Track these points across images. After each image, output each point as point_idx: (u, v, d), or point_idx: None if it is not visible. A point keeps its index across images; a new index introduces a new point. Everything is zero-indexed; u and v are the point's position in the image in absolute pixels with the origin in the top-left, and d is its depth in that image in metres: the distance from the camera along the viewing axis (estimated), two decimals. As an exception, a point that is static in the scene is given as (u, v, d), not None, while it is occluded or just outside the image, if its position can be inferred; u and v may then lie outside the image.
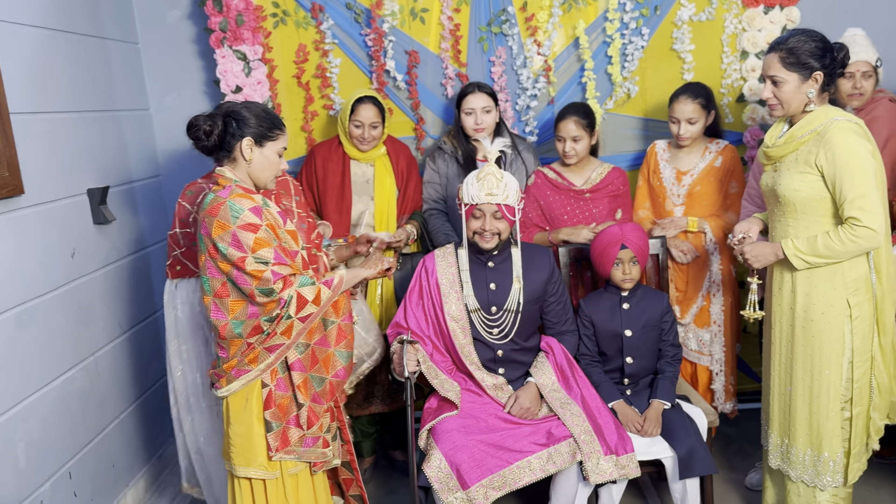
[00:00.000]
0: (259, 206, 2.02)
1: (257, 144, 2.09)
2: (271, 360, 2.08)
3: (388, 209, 3.01)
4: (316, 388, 2.18)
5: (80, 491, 2.66)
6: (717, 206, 2.95)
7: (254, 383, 2.11)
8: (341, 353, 2.21)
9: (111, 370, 2.94)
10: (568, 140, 2.89)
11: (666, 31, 3.20)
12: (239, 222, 1.96)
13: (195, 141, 2.07)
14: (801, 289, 2.26)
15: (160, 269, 3.43)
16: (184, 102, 3.43)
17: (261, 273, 1.97)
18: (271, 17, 3.19)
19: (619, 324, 2.61)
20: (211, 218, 1.99)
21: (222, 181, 2.07)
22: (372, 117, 2.89)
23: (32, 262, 2.46)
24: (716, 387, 3.03)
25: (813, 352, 2.27)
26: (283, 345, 2.08)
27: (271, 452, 2.12)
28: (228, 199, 1.99)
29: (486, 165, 2.47)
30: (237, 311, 2.05)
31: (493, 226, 2.47)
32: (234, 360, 2.08)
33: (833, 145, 2.12)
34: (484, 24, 3.22)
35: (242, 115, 2.07)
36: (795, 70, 2.16)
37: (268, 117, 2.11)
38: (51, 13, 2.67)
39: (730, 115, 3.24)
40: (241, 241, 1.96)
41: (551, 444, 2.33)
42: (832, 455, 2.29)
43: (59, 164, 2.65)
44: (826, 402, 2.27)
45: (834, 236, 2.15)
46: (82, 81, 2.86)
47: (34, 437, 2.41)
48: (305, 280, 2.06)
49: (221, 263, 2.01)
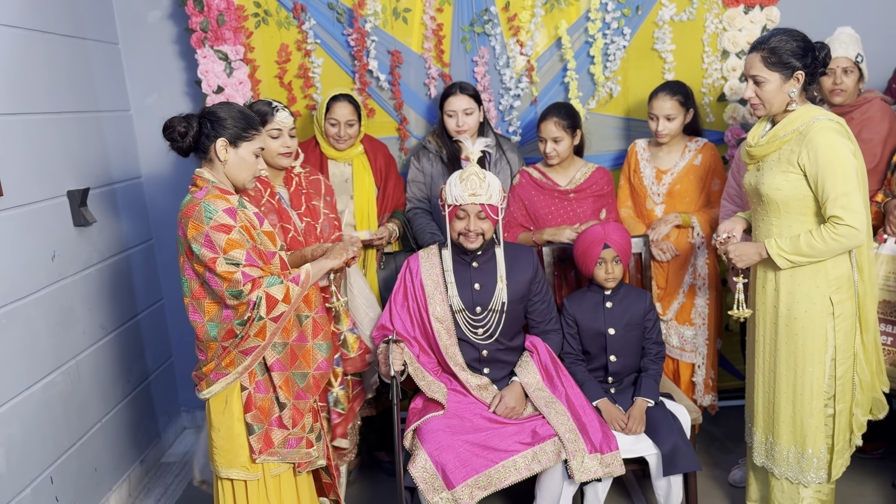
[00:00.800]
0: (234, 208, 2.02)
1: (232, 145, 2.09)
2: (248, 363, 2.08)
3: (369, 208, 3.01)
4: (299, 384, 2.17)
5: (62, 496, 2.63)
6: (698, 204, 2.97)
7: (233, 386, 2.10)
8: (320, 346, 2.21)
9: (93, 373, 2.91)
10: (549, 141, 2.90)
11: (647, 31, 3.22)
12: (212, 223, 1.96)
13: (171, 142, 2.08)
14: (785, 287, 2.29)
15: (142, 271, 3.41)
16: (165, 103, 3.41)
17: (231, 274, 1.97)
18: (253, 16, 3.17)
19: (603, 322, 2.62)
20: (186, 219, 2.00)
21: (200, 182, 2.08)
22: (347, 115, 2.88)
23: (12, 264, 2.44)
24: (696, 379, 3.06)
25: (796, 349, 2.29)
26: (258, 346, 2.08)
27: (255, 455, 2.11)
28: (203, 199, 1.99)
29: (469, 166, 2.48)
30: (212, 314, 2.05)
31: (478, 226, 2.47)
32: (211, 363, 2.09)
33: (815, 144, 2.14)
34: (467, 24, 3.22)
35: (218, 115, 2.08)
36: (777, 70, 2.18)
37: (243, 118, 2.10)
38: (28, 13, 2.64)
39: (711, 115, 3.27)
40: (214, 241, 1.96)
41: (536, 443, 2.34)
42: (816, 452, 2.31)
43: (38, 165, 2.62)
44: (809, 399, 2.29)
45: (817, 235, 2.17)
46: (61, 82, 2.83)
47: (14, 442, 2.39)
48: (273, 280, 2.05)
49: (196, 265, 2.02)
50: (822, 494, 2.37)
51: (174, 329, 3.64)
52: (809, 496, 2.36)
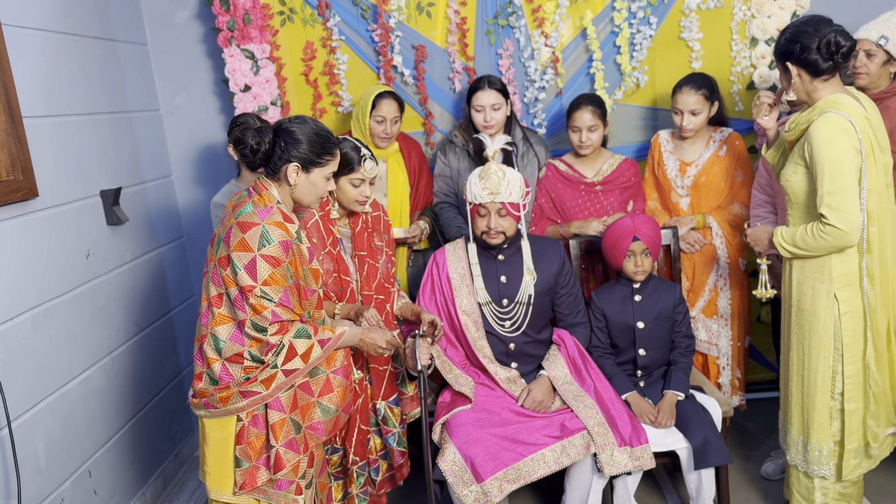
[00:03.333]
0: (289, 242, 1.91)
1: (304, 170, 1.98)
2: (241, 406, 1.94)
3: (401, 205, 3.02)
4: (294, 433, 1.99)
5: (100, 489, 2.69)
6: (724, 196, 2.93)
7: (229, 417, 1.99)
8: (322, 407, 2.04)
9: (127, 369, 2.97)
10: (584, 130, 2.87)
11: (674, 20, 3.18)
12: (263, 251, 1.87)
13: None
14: (795, 278, 2.29)
15: (173, 269, 3.46)
16: (193, 102, 3.45)
17: (262, 309, 1.88)
18: (278, 14, 3.19)
19: (632, 315, 2.61)
20: (239, 232, 1.89)
21: (266, 198, 1.96)
22: (394, 112, 2.89)
23: (48, 264, 2.49)
24: (722, 381, 3.02)
25: (803, 341, 2.29)
26: (259, 395, 1.93)
27: (236, 488, 1.98)
28: (264, 223, 1.88)
29: (488, 164, 2.47)
30: (221, 326, 1.94)
31: (498, 223, 2.47)
32: (206, 390, 1.96)
33: (813, 139, 2.12)
34: (490, 17, 3.21)
35: (293, 136, 1.96)
36: (780, 67, 2.23)
37: (319, 141, 1.98)
38: (60, 16, 2.69)
39: (740, 104, 3.22)
40: (258, 270, 1.86)
41: (565, 436, 2.34)
42: (819, 445, 2.29)
43: (71, 166, 2.67)
44: (813, 391, 2.28)
45: (809, 231, 2.17)
46: (93, 84, 2.88)
47: (54, 437, 2.45)
48: (302, 331, 1.94)
49: (226, 277, 1.92)
50: (840, 487, 2.33)
51: (206, 325, 3.69)
52: (823, 487, 2.32)
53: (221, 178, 3.41)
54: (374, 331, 2.16)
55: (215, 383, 1.96)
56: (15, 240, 2.32)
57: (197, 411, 2.03)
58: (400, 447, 2.52)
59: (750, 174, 2.93)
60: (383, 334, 2.16)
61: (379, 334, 2.15)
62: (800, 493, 2.39)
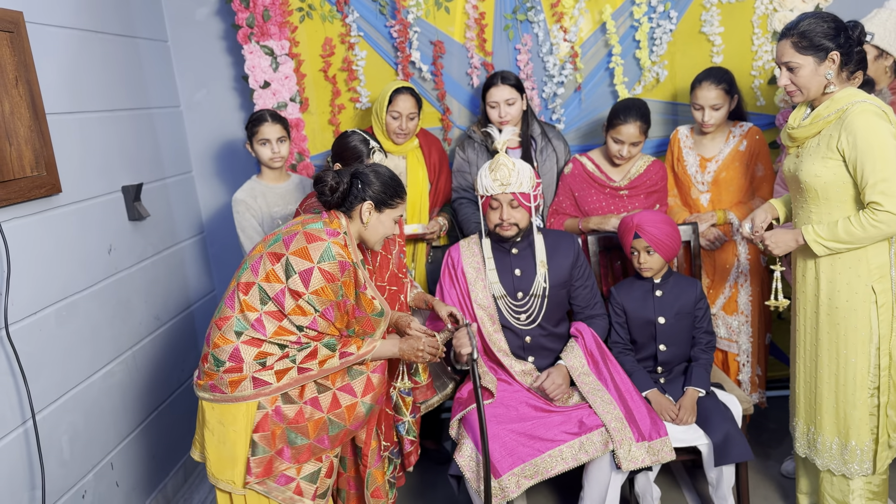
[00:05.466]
0: (347, 263, 2.01)
1: (377, 209, 2.12)
2: (247, 395, 1.99)
3: (421, 202, 3.03)
4: (329, 431, 2.07)
5: (123, 481, 2.73)
6: (744, 191, 2.90)
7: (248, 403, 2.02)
8: (366, 405, 2.13)
9: (149, 363, 3.00)
10: (627, 144, 2.81)
11: (695, 14, 3.15)
12: (322, 264, 1.97)
13: (319, 195, 2.09)
14: (825, 276, 2.23)
15: (194, 264, 3.49)
16: (213, 99, 3.48)
17: (307, 312, 1.98)
18: (297, 11, 3.21)
19: (652, 311, 2.59)
20: (303, 240, 1.99)
21: (336, 224, 2.07)
22: (410, 108, 2.90)
23: (71, 258, 2.52)
24: (742, 378, 3.00)
25: (838, 339, 2.24)
26: (270, 385, 1.99)
27: (249, 477, 2.01)
28: (330, 240, 2.00)
29: (497, 155, 2.47)
30: (246, 313, 1.99)
31: (511, 215, 2.46)
32: (215, 374, 2.00)
33: (854, 128, 2.08)
34: (509, 12, 3.20)
35: (369, 178, 2.10)
36: (810, 53, 2.12)
37: (392, 185, 2.13)
38: (83, 14, 2.72)
39: (761, 98, 3.19)
40: (311, 279, 1.96)
41: (583, 433, 2.33)
42: (860, 443, 2.25)
43: (94, 162, 2.70)
44: (853, 390, 2.24)
45: (855, 221, 2.11)
46: (115, 80, 2.91)
47: (78, 429, 2.48)
48: (331, 343, 2.04)
49: (272, 272, 1.98)
50: (872, 486, 2.31)
51: (225, 320, 3.72)
52: (860, 488, 2.30)
53: (241, 173, 3.44)
54: (408, 340, 2.21)
55: (220, 365, 1.99)
56: (39, 235, 2.36)
57: (201, 393, 2.06)
58: (409, 436, 2.54)
59: (771, 169, 2.90)
60: (421, 341, 2.21)
61: (415, 342, 2.21)
62: (833, 498, 2.35)
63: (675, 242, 2.56)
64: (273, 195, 2.88)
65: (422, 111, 3.02)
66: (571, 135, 3.31)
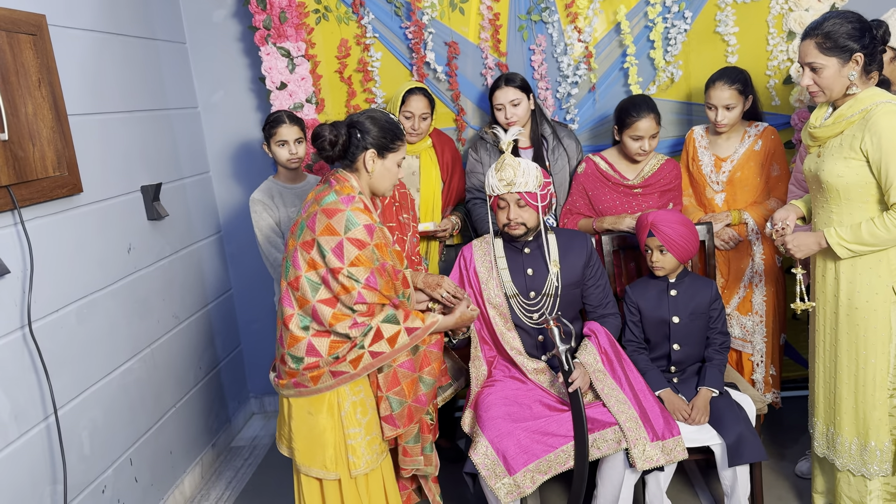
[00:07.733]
0: (373, 226, 2.03)
1: (379, 156, 2.12)
2: (331, 384, 2.08)
3: (434, 201, 3.05)
4: (394, 409, 2.18)
5: (141, 477, 2.77)
6: (759, 191, 2.90)
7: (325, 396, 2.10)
8: (425, 381, 2.20)
9: (167, 361, 3.04)
10: (647, 139, 2.81)
11: (709, 14, 3.15)
12: (349, 234, 1.99)
13: (319, 151, 2.09)
14: (845, 277, 2.23)
15: (211, 263, 3.53)
16: (230, 100, 3.52)
17: (350, 288, 2.00)
18: (313, 13, 3.24)
19: (667, 310, 2.60)
20: (325, 218, 2.01)
21: (348, 189, 2.08)
22: (422, 108, 2.92)
23: (92, 257, 2.57)
24: (756, 377, 2.99)
25: (858, 340, 2.23)
26: (347, 374, 2.07)
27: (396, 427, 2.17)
28: (349, 209, 2.01)
29: (503, 156, 2.49)
30: (305, 307, 2.05)
31: (518, 214, 2.48)
32: (296, 372, 2.07)
33: (878, 129, 2.07)
34: (523, 13, 3.21)
35: (366, 126, 2.10)
36: (834, 54, 2.11)
37: (390, 128, 2.13)
38: (104, 17, 2.76)
39: (776, 98, 3.18)
40: (345, 251, 1.98)
41: (596, 430, 2.34)
42: (879, 444, 2.25)
43: (114, 163, 2.75)
44: (872, 390, 2.23)
45: (879, 223, 2.10)
46: (134, 82, 2.96)
47: (97, 425, 2.52)
48: (390, 316, 2.07)
49: (311, 259, 2.02)
50: (891, 486, 2.30)
51: (242, 318, 3.77)
52: (878, 489, 2.29)
53: (258, 174, 3.48)
54: (458, 308, 2.28)
55: (299, 363, 2.05)
56: (61, 234, 2.40)
57: (285, 391, 2.13)
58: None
59: (786, 169, 2.89)
60: (466, 316, 2.29)
61: (463, 314, 2.28)
62: (850, 498, 2.34)
63: (690, 244, 2.54)
64: (290, 195, 2.91)
65: (436, 111, 3.04)
66: (585, 135, 3.31)
